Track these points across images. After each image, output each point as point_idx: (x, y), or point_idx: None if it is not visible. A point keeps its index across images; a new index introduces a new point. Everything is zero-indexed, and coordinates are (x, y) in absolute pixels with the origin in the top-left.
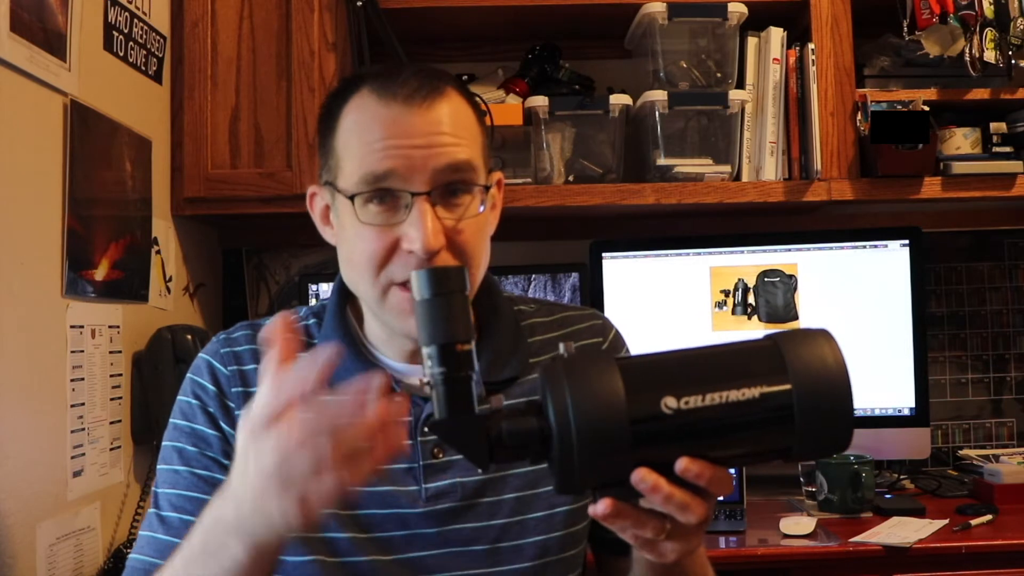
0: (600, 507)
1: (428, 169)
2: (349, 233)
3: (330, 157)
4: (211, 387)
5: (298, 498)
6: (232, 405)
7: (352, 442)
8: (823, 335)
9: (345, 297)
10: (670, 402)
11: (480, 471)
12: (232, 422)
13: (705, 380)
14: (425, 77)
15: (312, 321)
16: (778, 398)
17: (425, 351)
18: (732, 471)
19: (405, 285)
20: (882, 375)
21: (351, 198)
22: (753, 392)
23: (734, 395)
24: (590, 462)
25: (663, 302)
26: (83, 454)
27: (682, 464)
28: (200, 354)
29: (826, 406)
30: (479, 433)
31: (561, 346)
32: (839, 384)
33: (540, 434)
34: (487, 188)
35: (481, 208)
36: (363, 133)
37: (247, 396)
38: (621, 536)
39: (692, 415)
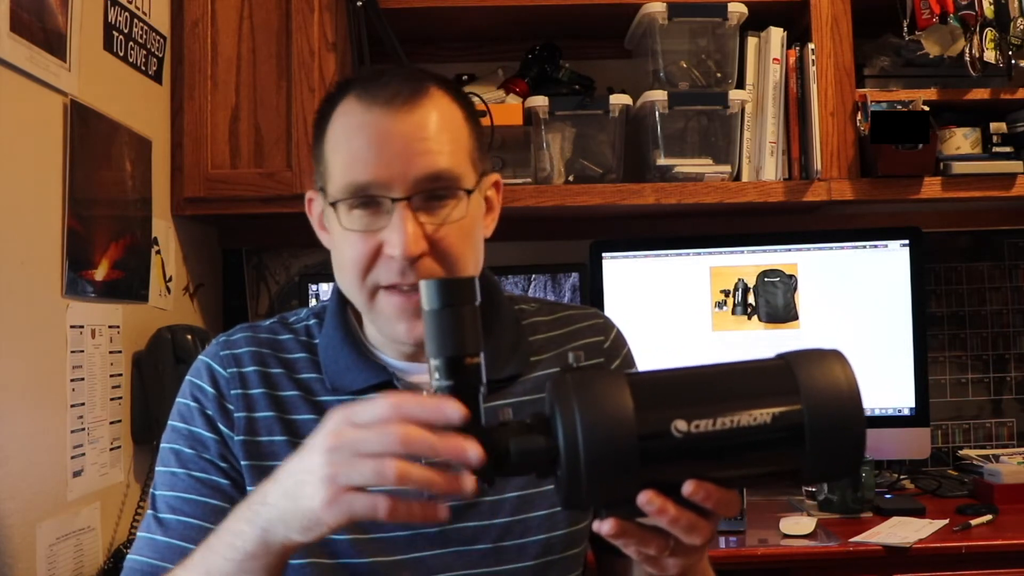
0: (605, 526)
1: (408, 176)
2: (337, 238)
3: (320, 163)
4: (210, 390)
5: (332, 494)
6: (231, 407)
7: (415, 478)
8: (835, 355)
9: (345, 298)
10: (680, 425)
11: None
12: (231, 425)
13: (716, 402)
14: (406, 80)
15: (313, 322)
16: (789, 419)
17: (432, 363)
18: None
19: (391, 288)
20: (882, 375)
21: (334, 204)
22: (764, 416)
23: (745, 419)
24: (597, 483)
25: (663, 302)
26: (83, 454)
27: (689, 487)
28: (199, 356)
29: (837, 428)
30: (485, 448)
31: (571, 355)
32: (851, 405)
33: (547, 453)
34: (469, 192)
35: (467, 211)
36: (348, 140)
37: (247, 398)
38: (624, 551)
39: (702, 439)
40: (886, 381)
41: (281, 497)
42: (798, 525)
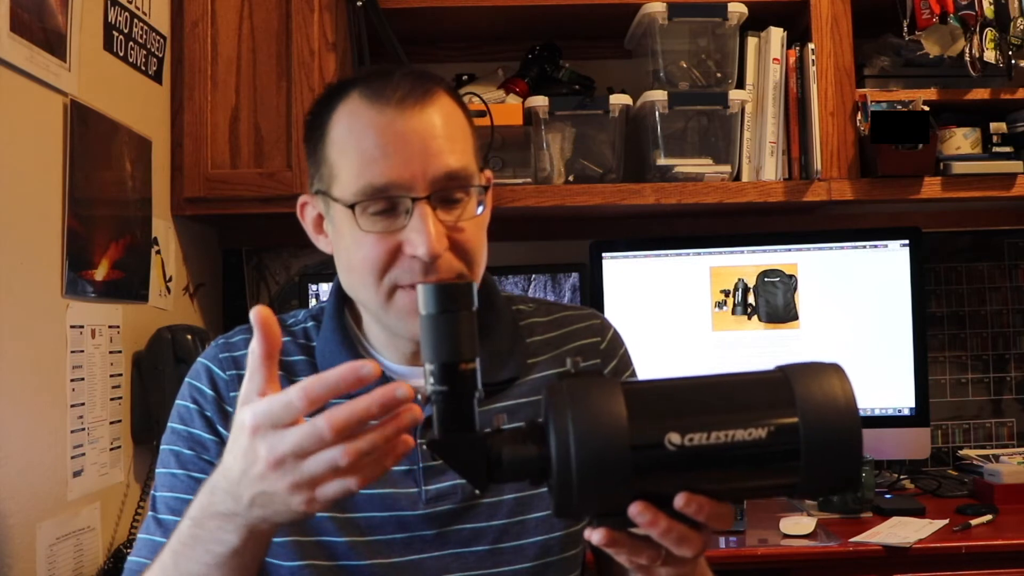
0: (596, 536)
1: (427, 175)
2: (348, 241)
3: (322, 166)
4: (209, 392)
5: (307, 498)
6: (230, 410)
7: (366, 448)
8: (834, 370)
9: (343, 299)
10: (674, 438)
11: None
12: (230, 427)
13: (711, 415)
14: (416, 80)
15: (311, 324)
16: (785, 434)
17: (428, 367)
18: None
19: (410, 287)
20: (882, 375)
21: (351, 207)
22: (760, 431)
23: (740, 434)
24: (589, 493)
25: (663, 302)
26: (83, 454)
27: (681, 500)
28: (199, 358)
29: (833, 443)
30: (478, 454)
31: (568, 361)
32: (848, 421)
33: (540, 462)
34: (485, 188)
35: (480, 208)
36: (358, 141)
37: None
38: (616, 559)
39: (696, 452)
40: (886, 381)
41: (258, 508)
42: (798, 525)
